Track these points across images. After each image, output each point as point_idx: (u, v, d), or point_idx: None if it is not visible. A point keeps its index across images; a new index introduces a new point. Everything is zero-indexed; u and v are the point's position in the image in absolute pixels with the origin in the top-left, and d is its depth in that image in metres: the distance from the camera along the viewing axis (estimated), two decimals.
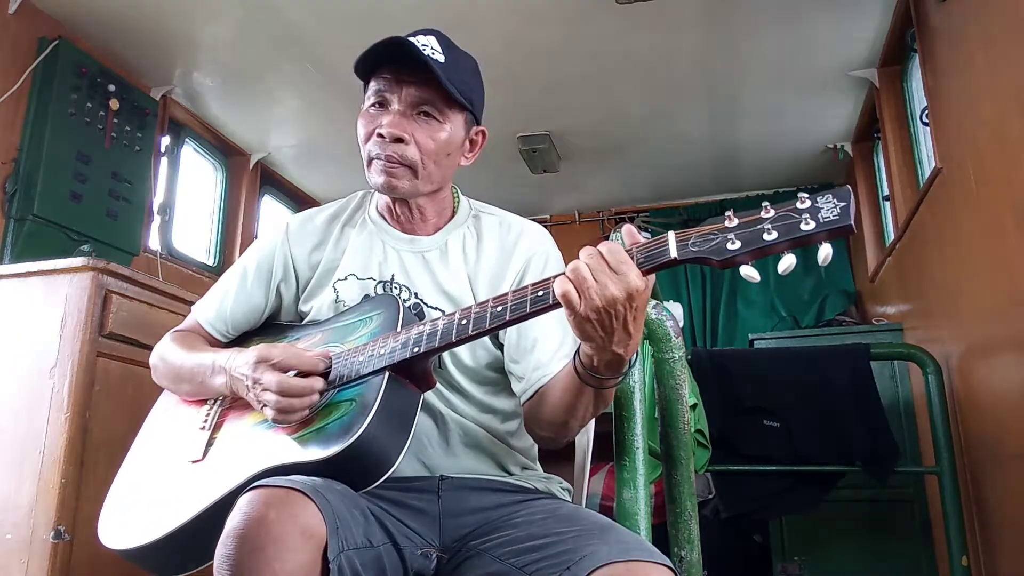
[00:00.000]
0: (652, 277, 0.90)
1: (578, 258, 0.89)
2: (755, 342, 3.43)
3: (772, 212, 0.83)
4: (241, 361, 1.09)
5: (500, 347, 1.19)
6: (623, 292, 0.86)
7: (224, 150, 3.98)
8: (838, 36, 3.02)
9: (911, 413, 3.02)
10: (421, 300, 1.20)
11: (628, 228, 0.92)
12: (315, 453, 0.98)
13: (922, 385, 2.60)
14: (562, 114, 3.67)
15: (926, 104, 2.65)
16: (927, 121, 2.65)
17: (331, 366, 1.10)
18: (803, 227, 0.81)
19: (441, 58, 1.14)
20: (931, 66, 2.57)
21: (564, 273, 0.89)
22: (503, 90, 3.33)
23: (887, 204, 3.50)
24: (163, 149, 3.48)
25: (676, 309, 4.28)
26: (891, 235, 3.46)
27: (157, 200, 3.40)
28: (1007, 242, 1.97)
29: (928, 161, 2.93)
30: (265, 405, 1.04)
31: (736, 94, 3.51)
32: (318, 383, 1.05)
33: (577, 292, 0.87)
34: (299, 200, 4.55)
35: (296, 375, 1.05)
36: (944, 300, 2.62)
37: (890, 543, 2.95)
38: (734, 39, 3.06)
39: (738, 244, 0.84)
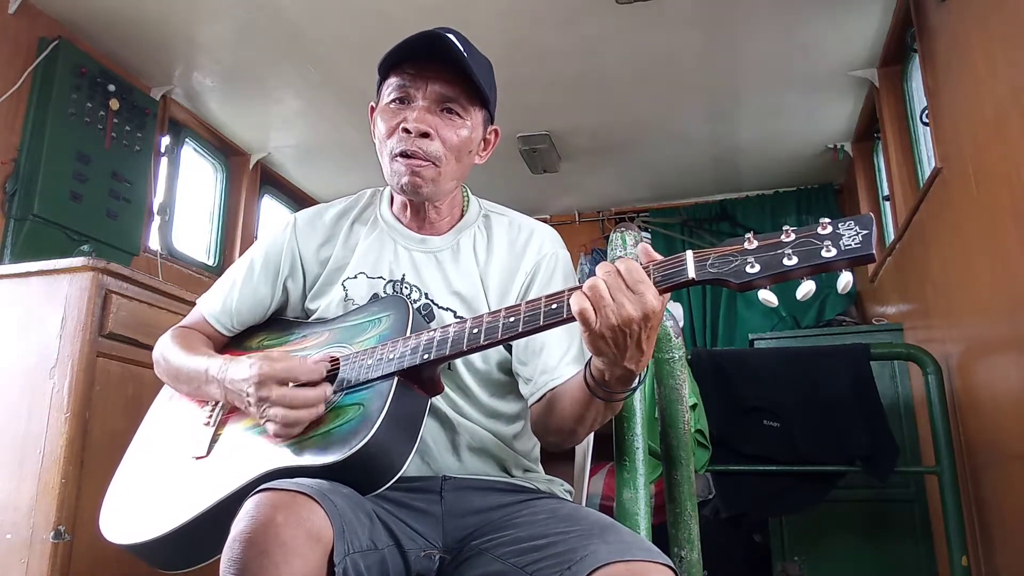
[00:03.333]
0: (667, 295, 0.89)
1: (594, 273, 0.88)
2: (755, 342, 3.43)
3: (792, 236, 0.83)
4: (238, 376, 1.06)
5: (510, 348, 1.19)
6: (640, 312, 0.85)
7: (224, 150, 3.98)
8: (838, 36, 3.02)
9: (911, 413, 3.02)
10: (432, 300, 1.19)
11: (644, 247, 0.91)
12: (322, 457, 0.97)
13: (922, 385, 2.59)
14: (562, 114, 3.68)
15: (926, 104, 2.65)
16: (927, 121, 2.65)
17: (338, 368, 1.09)
18: (824, 254, 0.80)
19: (465, 55, 1.14)
20: (931, 66, 2.57)
21: (580, 288, 0.88)
22: (503, 90, 3.29)
23: (887, 204, 3.50)
24: (163, 149, 3.48)
25: (676, 309, 4.28)
26: (891, 235, 3.46)
27: (157, 200, 3.40)
28: (1007, 242, 1.97)
29: (928, 161, 2.93)
30: (269, 420, 1.02)
31: (736, 94, 3.51)
32: (327, 390, 1.03)
33: (593, 309, 0.86)
34: (299, 200, 4.54)
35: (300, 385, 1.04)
36: (944, 300, 2.62)
37: (890, 543, 2.95)
38: (734, 39, 3.06)
39: (757, 268, 0.83)
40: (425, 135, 1.13)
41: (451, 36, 1.15)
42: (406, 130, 1.13)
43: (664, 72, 3.29)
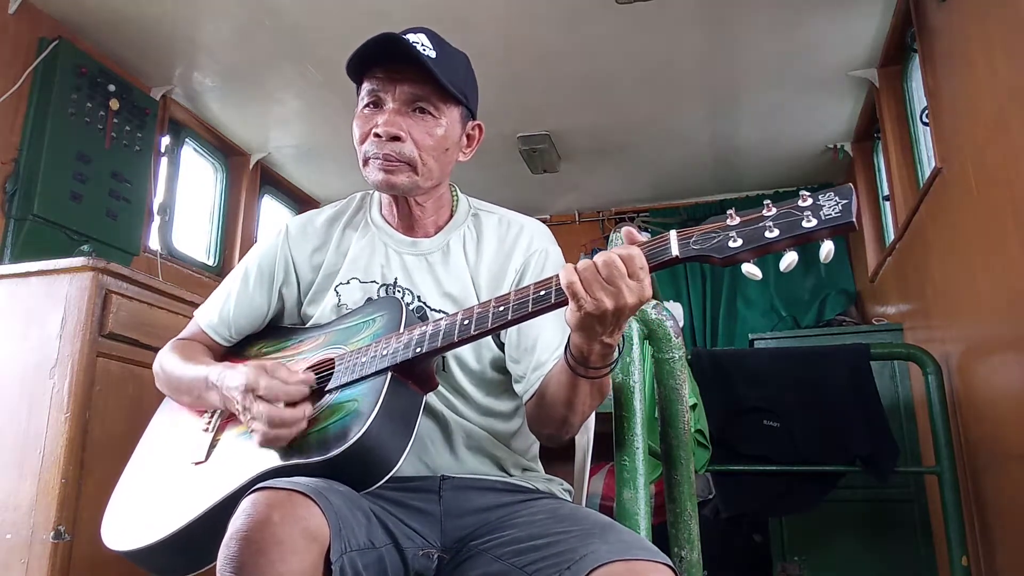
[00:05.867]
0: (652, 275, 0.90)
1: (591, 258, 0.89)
2: (755, 342, 3.43)
3: (774, 210, 0.84)
4: (231, 382, 1.07)
5: (502, 346, 1.19)
6: (636, 299, 0.87)
7: (224, 150, 3.98)
8: (838, 36, 3.02)
9: (911, 413, 3.02)
10: (425, 303, 1.20)
11: (628, 230, 0.92)
12: (317, 454, 0.98)
13: (922, 385, 2.60)
14: (562, 114, 3.67)
15: (926, 104, 2.65)
16: (927, 121, 2.65)
17: (332, 369, 1.10)
18: (805, 224, 0.81)
19: (432, 54, 1.13)
20: (931, 66, 2.57)
21: (576, 268, 0.89)
22: (503, 90, 3.33)
23: (887, 204, 3.50)
24: (163, 149, 3.48)
25: (676, 309, 4.27)
26: (891, 235, 3.46)
27: (157, 200, 3.40)
28: (1007, 242, 1.97)
29: (928, 161, 2.93)
30: (254, 431, 1.03)
31: (736, 94, 3.51)
32: (307, 410, 1.03)
33: (584, 289, 0.87)
34: (299, 200, 4.54)
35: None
36: (944, 300, 2.62)
37: (890, 543, 2.95)
38: (734, 39, 3.06)
39: (740, 242, 0.84)
40: (396, 138, 1.13)
41: (420, 35, 1.15)
42: (377, 134, 1.13)
43: (664, 72, 3.29)
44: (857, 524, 2.98)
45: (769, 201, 0.85)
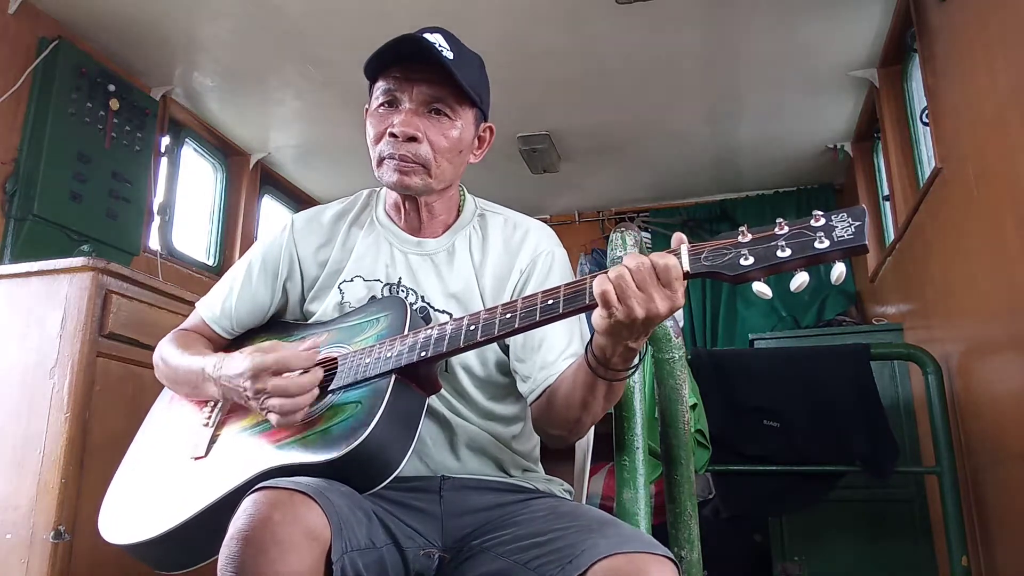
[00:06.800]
0: None
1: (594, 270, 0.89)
2: (755, 342, 3.43)
3: (786, 229, 0.84)
4: (232, 371, 1.07)
5: (507, 349, 1.19)
6: (667, 308, 0.87)
7: (224, 150, 3.98)
8: (838, 36, 3.02)
9: (911, 413, 3.02)
10: (428, 304, 1.19)
11: (678, 235, 0.91)
12: (320, 455, 0.97)
13: (922, 385, 2.59)
14: (562, 114, 3.67)
15: (926, 104, 2.65)
16: (927, 121, 2.65)
17: (335, 367, 1.09)
18: (817, 245, 0.81)
19: (450, 55, 1.13)
20: (931, 66, 2.57)
21: (604, 273, 0.88)
22: (503, 90, 3.29)
23: (887, 204, 3.50)
24: (163, 149, 3.48)
25: None
26: (891, 235, 3.46)
27: (157, 200, 3.40)
28: (1007, 242, 1.97)
29: (928, 161, 2.93)
30: (270, 411, 1.02)
31: (736, 94, 3.51)
32: (318, 374, 1.04)
33: (617, 297, 0.87)
34: (299, 200, 4.54)
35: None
36: (944, 300, 2.62)
37: (890, 543, 2.95)
38: (734, 39, 3.07)
39: (751, 260, 0.84)
40: (412, 139, 1.13)
41: (437, 35, 1.14)
42: (393, 134, 1.13)
43: (664, 72, 3.29)
44: (857, 524, 2.98)
45: (782, 220, 0.85)
